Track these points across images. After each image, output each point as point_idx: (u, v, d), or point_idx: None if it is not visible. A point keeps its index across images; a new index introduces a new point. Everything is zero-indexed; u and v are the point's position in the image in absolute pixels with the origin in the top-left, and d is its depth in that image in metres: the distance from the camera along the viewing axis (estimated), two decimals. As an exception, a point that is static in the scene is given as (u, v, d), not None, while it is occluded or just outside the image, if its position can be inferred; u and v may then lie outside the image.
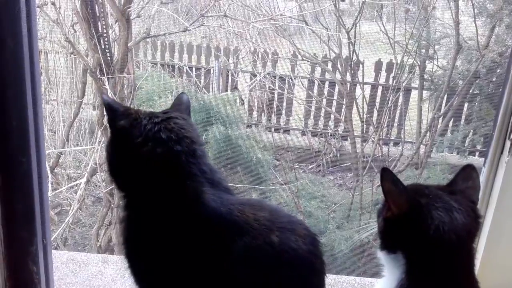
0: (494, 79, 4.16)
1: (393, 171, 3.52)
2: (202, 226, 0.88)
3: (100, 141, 3.40)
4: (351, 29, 3.32)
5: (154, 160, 0.90)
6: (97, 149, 3.56)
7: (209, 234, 0.87)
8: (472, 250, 0.87)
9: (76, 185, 3.86)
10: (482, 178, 1.15)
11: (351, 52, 3.51)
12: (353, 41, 3.33)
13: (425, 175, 3.85)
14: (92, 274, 1.44)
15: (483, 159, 3.97)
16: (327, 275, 0.95)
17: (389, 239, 0.89)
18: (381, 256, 0.90)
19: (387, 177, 0.85)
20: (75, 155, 4.42)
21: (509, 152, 1.10)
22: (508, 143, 1.11)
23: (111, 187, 3.27)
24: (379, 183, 0.85)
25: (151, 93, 4.52)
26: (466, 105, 4.44)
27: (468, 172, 0.92)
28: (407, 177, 3.97)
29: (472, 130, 4.45)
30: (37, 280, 1.17)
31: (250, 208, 0.90)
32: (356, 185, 3.80)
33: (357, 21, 3.25)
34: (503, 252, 1.10)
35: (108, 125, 0.98)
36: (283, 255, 0.87)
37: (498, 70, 4.00)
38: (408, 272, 0.86)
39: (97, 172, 3.68)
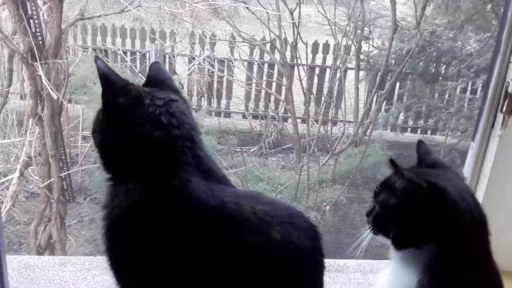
0: (424, 57, 4.37)
1: (336, 150, 3.58)
2: (190, 220, 0.81)
3: (34, 133, 3.17)
4: (295, 9, 3.31)
5: (150, 143, 0.83)
6: (29, 141, 3.31)
7: (199, 228, 0.80)
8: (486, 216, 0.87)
9: (7, 180, 3.59)
10: (471, 153, 1.17)
11: (296, 34, 3.52)
12: (297, 23, 3.32)
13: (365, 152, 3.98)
14: (49, 278, 1.33)
15: (415, 135, 4.17)
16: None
17: (418, 234, 0.85)
18: (400, 254, 0.87)
19: (398, 168, 0.83)
20: (4, 148, 4.10)
21: (501, 125, 1.10)
22: (500, 116, 1.10)
23: (48, 181, 3.07)
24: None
25: (85, 79, 4.27)
26: (398, 84, 4.63)
27: (424, 147, 0.94)
28: (349, 155, 4.09)
29: (404, 108, 4.66)
30: (-8, 290, 1.06)
31: (247, 201, 0.84)
32: (302, 165, 3.86)
33: (300, 1, 3.24)
34: (496, 228, 1.12)
35: (102, 98, 0.87)
36: (285, 252, 0.82)
37: (429, 49, 4.21)
38: (436, 257, 0.83)
39: (31, 166, 3.44)
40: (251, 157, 4.74)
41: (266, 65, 5.05)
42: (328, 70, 4.79)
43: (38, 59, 2.59)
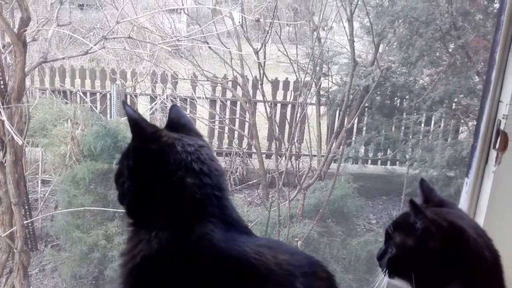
0: (379, 92, 4.57)
1: (303, 185, 3.61)
2: (211, 270, 0.79)
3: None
4: (260, 49, 3.41)
5: (181, 190, 0.82)
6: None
7: (221, 279, 0.79)
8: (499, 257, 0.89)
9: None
10: (466, 189, 1.19)
11: (262, 73, 3.61)
12: (262, 62, 3.41)
13: (329, 185, 4.04)
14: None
15: (376, 166, 4.28)
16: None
17: (439, 274, 0.85)
18: None
19: (420, 209, 0.84)
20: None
21: (495, 161, 1.13)
22: (493, 153, 1.13)
23: (10, 230, 2.91)
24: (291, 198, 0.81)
25: (44, 122, 4.16)
26: (357, 118, 4.78)
27: (427, 185, 0.96)
28: (315, 189, 4.14)
29: (365, 141, 4.81)
30: None
31: (269, 251, 0.82)
32: (272, 201, 3.87)
33: (265, 41, 3.34)
34: None
35: (132, 144, 0.85)
36: None
37: (385, 84, 4.41)
38: None
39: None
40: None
41: (228, 102, 5.12)
42: (289, 106, 4.91)
43: (0, 104, 2.51)
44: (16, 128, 2.64)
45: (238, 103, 4.91)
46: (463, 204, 1.22)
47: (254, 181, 5.00)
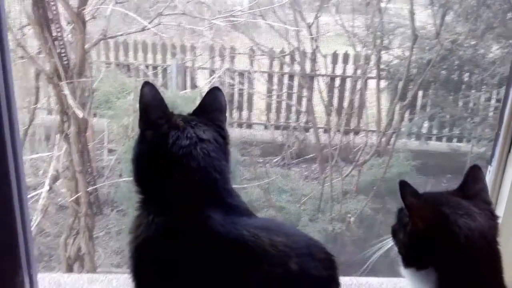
0: (445, 66, 4.33)
1: (358, 161, 3.57)
2: (207, 253, 0.83)
3: (61, 148, 3.26)
4: (313, 23, 3.34)
5: (170, 183, 0.87)
6: (56, 156, 3.41)
7: (216, 261, 0.83)
8: (498, 251, 0.87)
9: (37, 194, 3.69)
10: (489, 177, 1.16)
11: (314, 47, 3.54)
12: (315, 37, 3.35)
13: (386, 162, 3.95)
14: (78, 296, 1.37)
15: (439, 143, 4.10)
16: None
17: (418, 255, 0.86)
18: (407, 273, 0.88)
19: (407, 190, 0.83)
20: (32, 162, 4.21)
21: None
22: None
23: (76, 195, 3.15)
24: (346, 175, 0.82)
25: (108, 95, 4.37)
26: (421, 92, 4.58)
27: (475, 173, 0.92)
28: (372, 165, 4.06)
29: (428, 117, 4.61)
30: (23, 311, 1.10)
31: (266, 233, 0.85)
32: (326, 176, 3.85)
33: (318, 15, 3.26)
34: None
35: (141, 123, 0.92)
36: (303, 284, 0.84)
37: (451, 57, 4.16)
38: (441, 284, 0.84)
39: (59, 180, 3.53)
40: (274, 168, 4.75)
41: (286, 77, 5.08)
42: (348, 80, 4.80)
43: (64, 79, 2.67)
44: (79, 101, 2.82)
45: (296, 77, 4.86)
46: None
47: (311, 155, 4.98)
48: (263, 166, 4.49)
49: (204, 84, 5.18)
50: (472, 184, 0.91)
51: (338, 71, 4.99)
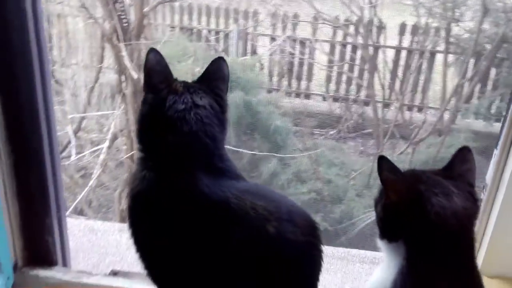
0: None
1: (416, 138, 3.47)
2: (191, 211, 0.89)
3: (120, 107, 3.44)
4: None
5: (164, 144, 0.92)
6: (117, 114, 3.60)
7: (199, 219, 0.88)
8: (472, 233, 0.87)
9: (99, 149, 3.94)
10: (494, 160, 1.14)
11: (373, 15, 3.40)
12: (374, 4, 3.20)
13: (448, 142, 3.78)
14: (108, 242, 1.48)
15: (509, 126, 3.84)
16: (332, 251, 0.95)
17: (389, 227, 0.89)
18: (382, 244, 0.90)
19: (385, 165, 0.85)
20: (97, 119, 4.48)
21: None
22: None
23: (131, 153, 3.32)
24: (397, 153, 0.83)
25: (170, 58, 4.49)
26: (493, 70, 4.29)
27: (464, 155, 0.91)
28: (430, 144, 3.90)
29: (499, 96, 4.31)
30: (52, 249, 1.22)
31: (249, 196, 0.89)
32: (377, 152, 3.76)
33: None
34: (510, 237, 1.10)
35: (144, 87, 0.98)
36: (278, 246, 0.87)
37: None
38: (409, 258, 0.86)
39: (119, 137, 3.75)
40: (328, 140, 4.70)
41: (349, 48, 4.94)
42: (411, 54, 4.57)
43: (122, 40, 2.78)
44: (136, 63, 2.93)
45: (359, 48, 4.71)
46: (490, 175, 1.17)
47: (369, 130, 4.86)
48: (316, 138, 4.46)
49: (264, 51, 5.18)
50: (458, 165, 0.90)
51: (405, 43, 4.78)
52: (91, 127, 4.42)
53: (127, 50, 2.84)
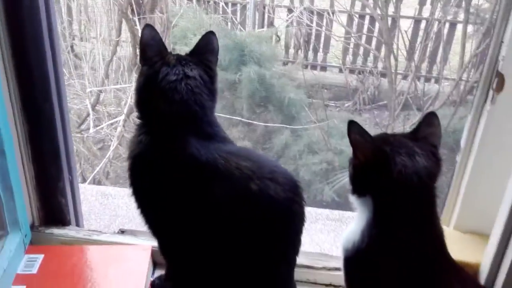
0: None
1: (429, 109, 3.46)
2: (181, 170, 0.98)
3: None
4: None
5: (157, 111, 1.01)
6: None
7: (188, 177, 0.97)
8: (434, 189, 0.93)
9: (116, 122, 4.05)
10: (467, 125, 1.19)
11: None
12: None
13: (461, 113, 3.75)
14: (118, 205, 1.59)
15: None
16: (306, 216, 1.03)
17: (358, 184, 0.96)
18: (353, 199, 0.98)
19: (354, 129, 0.91)
20: (115, 93, 4.58)
21: (491, 101, 1.12)
22: (491, 93, 1.12)
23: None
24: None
25: (186, 31, 4.53)
26: None
27: (430, 119, 0.97)
28: (444, 115, 3.89)
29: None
30: (66, 210, 1.32)
31: (235, 158, 0.97)
32: (389, 124, 3.77)
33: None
34: (481, 195, 1.19)
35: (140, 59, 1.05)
36: (260, 202, 0.95)
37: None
38: (376, 211, 0.93)
39: (134, 111, 3.84)
40: (343, 112, 4.71)
41: (366, 20, 4.88)
42: (427, 24, 4.49)
43: (136, 14, 2.84)
44: (150, 36, 2.99)
45: (376, 20, 4.65)
46: (464, 139, 1.22)
47: (384, 102, 4.85)
48: (331, 110, 4.48)
49: (281, 23, 5.16)
50: (424, 129, 0.96)
51: (425, 13, 4.70)
52: (109, 100, 4.54)
53: (141, 23, 2.90)
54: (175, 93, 0.99)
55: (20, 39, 1.12)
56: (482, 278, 1.09)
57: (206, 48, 1.06)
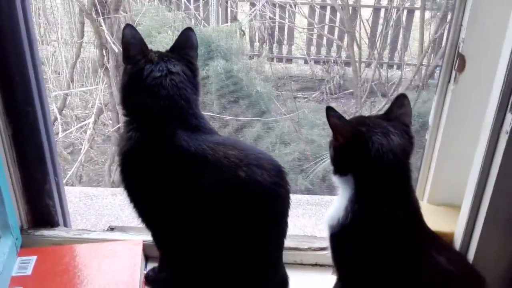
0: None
1: (393, 95, 3.59)
2: (172, 161, 1.02)
3: (103, 81, 3.49)
4: None
5: (144, 107, 1.05)
6: (101, 89, 3.64)
7: (179, 168, 1.01)
8: (408, 165, 1.02)
9: (85, 125, 4.00)
10: (433, 104, 1.28)
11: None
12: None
13: (424, 97, 3.90)
14: (103, 205, 1.60)
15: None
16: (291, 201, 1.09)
17: (340, 164, 1.03)
18: (335, 179, 1.05)
19: (332, 113, 0.98)
20: (81, 95, 4.52)
21: (454, 81, 1.20)
22: (453, 73, 1.21)
23: (117, 126, 3.40)
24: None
25: (150, 29, 4.50)
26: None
27: (401, 101, 1.05)
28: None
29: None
30: (53, 212, 1.34)
31: (222, 147, 1.02)
32: (356, 111, 3.88)
33: None
34: (451, 169, 1.29)
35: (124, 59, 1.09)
36: (248, 188, 1.00)
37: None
38: (357, 189, 1.01)
39: (104, 112, 3.80)
40: (310, 102, 4.80)
41: (328, 10, 4.98)
42: (386, 12, 4.63)
43: (101, 14, 2.82)
44: (116, 36, 2.98)
45: (337, 11, 4.76)
46: (431, 118, 1.30)
47: (350, 90, 4.97)
48: (299, 101, 4.55)
49: (244, 17, 5.20)
50: (396, 109, 1.04)
51: (384, 1, 4.83)
52: (76, 103, 4.47)
53: (107, 23, 2.88)
54: (161, 89, 1.03)
55: (0, 46, 1.13)
56: (457, 245, 1.18)
57: (185, 44, 1.11)
